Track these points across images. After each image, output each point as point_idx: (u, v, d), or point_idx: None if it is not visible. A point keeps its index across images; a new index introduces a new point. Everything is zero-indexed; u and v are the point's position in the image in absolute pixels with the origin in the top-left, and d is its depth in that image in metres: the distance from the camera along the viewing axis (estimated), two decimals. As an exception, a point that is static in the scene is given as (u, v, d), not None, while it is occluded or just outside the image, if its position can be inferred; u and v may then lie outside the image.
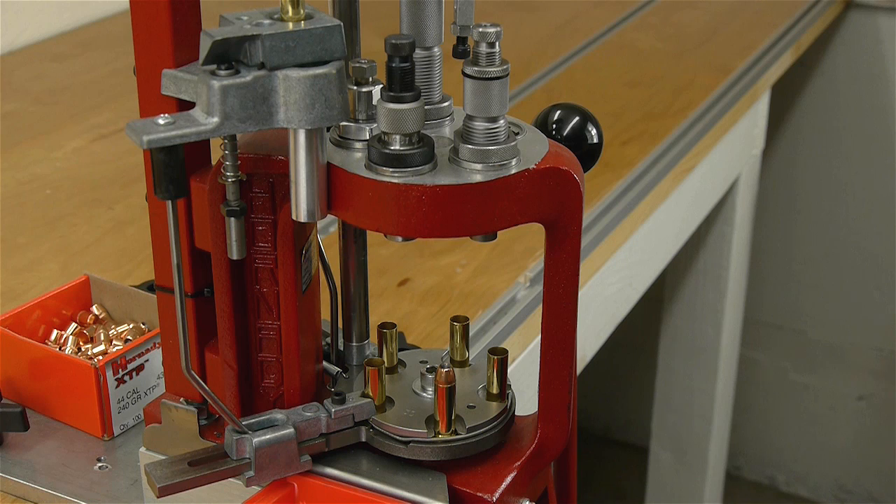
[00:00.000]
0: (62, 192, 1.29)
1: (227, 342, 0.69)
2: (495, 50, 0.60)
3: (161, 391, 0.86)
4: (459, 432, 0.68)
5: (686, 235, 1.59)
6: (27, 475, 0.82)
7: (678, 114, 1.53)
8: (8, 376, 0.88)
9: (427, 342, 1.01)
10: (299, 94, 0.58)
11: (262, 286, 0.68)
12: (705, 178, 1.55)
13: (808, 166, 2.28)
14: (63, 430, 0.87)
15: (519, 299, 1.08)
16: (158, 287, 0.72)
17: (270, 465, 0.66)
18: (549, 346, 0.67)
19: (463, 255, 1.15)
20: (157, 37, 0.64)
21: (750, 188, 1.87)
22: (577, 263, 0.64)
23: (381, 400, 0.70)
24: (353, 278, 0.75)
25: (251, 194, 0.66)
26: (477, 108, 0.61)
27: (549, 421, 0.69)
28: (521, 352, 1.04)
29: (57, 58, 1.71)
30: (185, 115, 0.58)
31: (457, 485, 0.67)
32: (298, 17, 0.59)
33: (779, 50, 1.78)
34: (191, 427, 0.72)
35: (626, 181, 1.33)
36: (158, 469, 0.66)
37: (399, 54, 0.60)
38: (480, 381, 0.72)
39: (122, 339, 0.90)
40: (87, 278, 0.94)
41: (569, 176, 0.62)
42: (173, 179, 0.57)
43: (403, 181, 0.60)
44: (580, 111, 0.69)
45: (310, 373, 0.71)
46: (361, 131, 0.64)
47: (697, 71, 1.69)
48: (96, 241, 1.18)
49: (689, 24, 1.91)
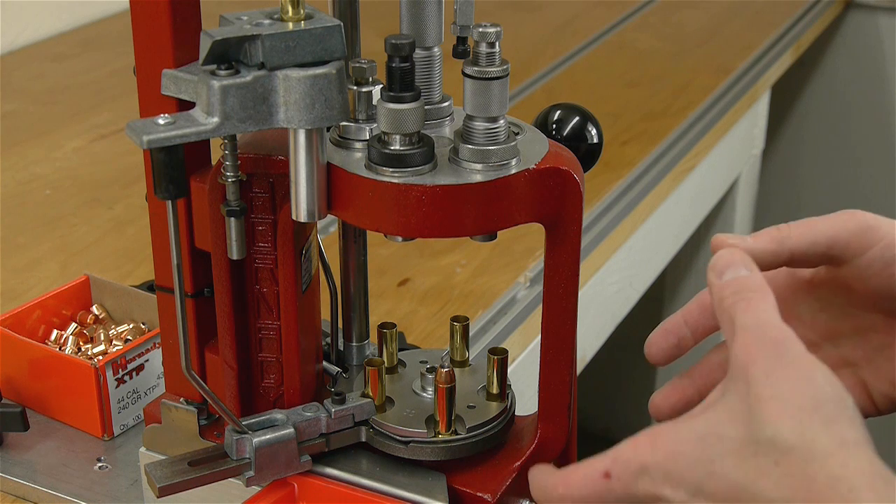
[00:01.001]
0: (62, 192, 1.29)
1: (227, 342, 0.69)
2: (495, 50, 0.60)
3: (161, 391, 0.86)
4: (459, 432, 0.68)
5: (686, 235, 1.59)
6: (27, 475, 0.82)
7: (678, 114, 1.53)
8: (8, 376, 0.88)
9: (427, 342, 1.01)
10: (299, 94, 0.58)
11: (262, 286, 0.68)
12: (705, 178, 1.55)
13: (808, 166, 2.28)
14: (63, 430, 0.87)
15: (519, 299, 1.08)
16: (158, 287, 0.72)
17: (270, 465, 0.66)
18: (549, 346, 0.67)
19: (463, 255, 1.14)
20: (157, 37, 0.64)
21: (750, 188, 1.87)
22: (577, 263, 0.64)
23: (381, 400, 0.70)
24: (353, 278, 0.75)
25: (251, 194, 0.66)
26: (477, 108, 0.61)
27: (549, 421, 0.69)
28: (521, 352, 1.04)
29: (57, 58, 1.71)
30: (185, 115, 0.58)
31: (457, 485, 0.67)
32: (298, 17, 0.59)
33: (779, 50, 1.78)
34: (191, 427, 0.72)
35: (626, 181, 1.33)
36: (158, 469, 0.66)
37: (399, 54, 0.60)
38: (480, 381, 0.72)
39: (122, 339, 0.90)
40: (87, 278, 0.94)
41: (569, 176, 0.62)
42: (173, 179, 0.57)
43: (403, 181, 0.60)
44: (580, 111, 0.69)
45: (310, 373, 0.71)
46: (361, 131, 0.64)
47: (697, 71, 1.69)
48: (96, 241, 1.18)
49: (689, 24, 1.91)
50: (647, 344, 0.64)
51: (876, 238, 0.59)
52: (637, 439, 0.53)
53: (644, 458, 0.52)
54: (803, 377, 0.49)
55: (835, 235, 0.59)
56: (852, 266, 0.60)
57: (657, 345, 0.64)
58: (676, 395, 0.65)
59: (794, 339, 0.51)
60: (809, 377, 0.49)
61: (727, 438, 0.50)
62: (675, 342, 0.64)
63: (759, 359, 0.50)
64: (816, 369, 0.50)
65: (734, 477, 0.49)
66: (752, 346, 0.51)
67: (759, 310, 0.52)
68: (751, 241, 0.59)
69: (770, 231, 0.60)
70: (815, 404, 0.48)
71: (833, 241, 0.59)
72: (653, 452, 0.52)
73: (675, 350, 0.64)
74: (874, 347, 0.63)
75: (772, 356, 0.50)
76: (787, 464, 0.48)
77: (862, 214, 0.60)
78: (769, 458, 0.48)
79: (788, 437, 0.48)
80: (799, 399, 0.49)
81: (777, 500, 0.48)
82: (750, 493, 0.49)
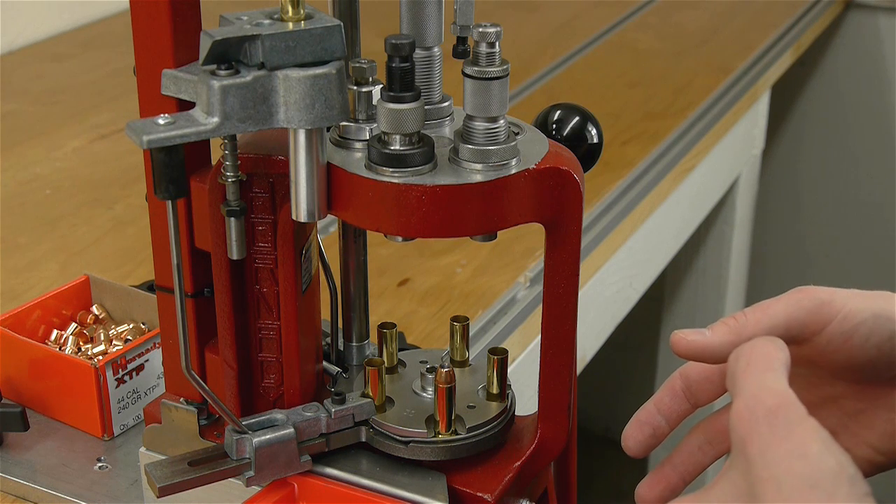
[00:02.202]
0: (62, 192, 1.29)
1: (227, 342, 0.69)
2: (495, 50, 0.60)
3: (161, 391, 0.86)
4: (459, 432, 0.68)
5: (686, 235, 1.59)
6: (27, 475, 0.82)
7: (678, 114, 1.53)
8: (8, 376, 0.88)
9: (427, 342, 1.01)
10: (299, 94, 0.58)
11: (262, 286, 0.68)
12: (705, 178, 1.55)
13: (808, 166, 2.28)
14: (63, 430, 0.87)
15: (519, 299, 1.08)
16: (158, 287, 0.72)
17: (270, 465, 0.66)
18: (549, 346, 0.67)
19: (463, 255, 1.14)
20: (157, 37, 0.64)
21: (750, 188, 1.87)
22: (577, 263, 0.64)
23: (381, 400, 0.70)
24: (353, 278, 0.75)
25: (251, 194, 0.66)
26: (477, 108, 0.61)
27: (549, 421, 0.69)
28: (521, 352, 1.04)
29: (57, 58, 1.71)
30: (185, 115, 0.58)
31: (457, 485, 0.67)
32: (298, 17, 0.59)
33: (779, 50, 1.78)
34: (191, 427, 0.72)
35: (626, 181, 1.33)
36: (158, 469, 0.66)
37: (399, 54, 0.60)
38: (480, 381, 0.72)
39: (122, 339, 0.90)
40: (87, 278, 0.94)
41: (569, 176, 0.62)
42: (173, 179, 0.57)
43: (403, 181, 0.60)
44: (580, 111, 0.69)
45: (310, 373, 0.71)
46: (361, 131, 0.64)
47: (697, 71, 1.69)
48: (96, 241, 1.18)
49: (689, 24, 1.91)
50: (624, 437, 0.65)
51: (832, 313, 0.58)
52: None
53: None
54: (798, 454, 0.48)
55: (790, 317, 0.58)
56: (813, 344, 0.59)
57: (633, 437, 0.64)
58: (661, 485, 0.65)
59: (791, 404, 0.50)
60: (804, 453, 0.48)
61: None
62: (650, 432, 0.64)
63: (755, 434, 0.49)
64: (813, 441, 0.49)
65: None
66: (748, 417, 0.50)
67: (758, 371, 0.52)
68: (709, 335, 0.59)
69: (727, 322, 0.59)
70: (812, 483, 0.47)
71: (789, 323, 0.58)
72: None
73: (652, 440, 0.64)
74: (847, 414, 0.63)
75: (766, 432, 0.49)
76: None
77: (814, 290, 0.59)
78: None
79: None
80: (794, 480, 0.48)
81: None
82: None
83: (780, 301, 0.59)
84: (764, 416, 0.50)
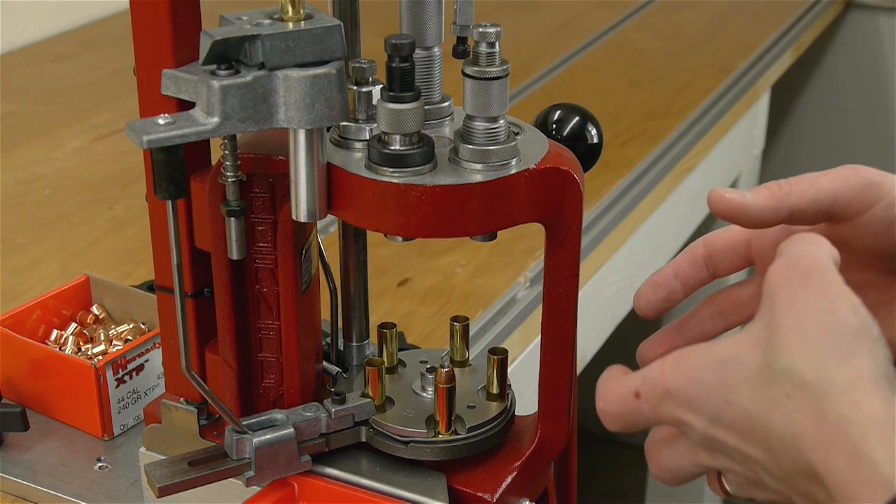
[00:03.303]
0: (62, 192, 1.29)
1: (227, 342, 0.69)
2: (495, 50, 0.60)
3: (161, 391, 0.86)
4: (459, 432, 0.68)
5: (686, 235, 1.59)
6: (27, 475, 0.82)
7: (678, 114, 1.53)
8: (8, 376, 0.88)
9: (427, 342, 1.01)
10: (299, 94, 0.58)
11: (262, 286, 0.68)
12: (705, 178, 1.55)
13: (808, 166, 2.27)
14: (63, 430, 0.87)
15: (519, 299, 1.08)
16: (158, 287, 0.72)
17: (270, 465, 0.66)
18: (549, 346, 0.67)
19: (463, 255, 1.14)
20: (157, 37, 0.64)
21: (750, 188, 1.87)
22: (577, 263, 0.64)
23: (381, 400, 0.70)
24: (353, 278, 0.75)
25: (251, 194, 0.66)
26: (477, 108, 0.61)
27: (549, 421, 0.69)
28: (521, 352, 1.04)
29: (57, 58, 1.71)
30: (185, 115, 0.58)
31: (457, 485, 0.67)
32: (298, 17, 0.59)
33: (779, 50, 1.78)
34: (191, 427, 0.72)
35: (626, 181, 1.33)
36: (158, 469, 0.66)
37: (399, 54, 0.60)
38: (480, 381, 0.72)
39: (122, 339, 0.90)
40: (87, 278, 0.94)
41: (569, 176, 0.62)
42: (173, 179, 0.57)
43: (403, 181, 0.60)
44: (580, 111, 0.69)
45: (310, 373, 0.71)
46: (361, 131, 0.64)
47: (697, 71, 1.69)
48: (96, 241, 1.18)
49: (689, 24, 1.91)
50: (636, 297, 0.63)
51: (878, 196, 0.57)
52: (665, 361, 0.51)
53: (668, 381, 0.51)
54: (826, 307, 0.48)
55: (836, 193, 0.57)
56: (852, 224, 0.58)
57: (646, 297, 0.63)
58: (665, 347, 0.63)
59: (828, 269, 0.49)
60: (832, 307, 0.48)
61: (745, 366, 0.49)
62: (664, 295, 0.63)
63: (786, 286, 0.49)
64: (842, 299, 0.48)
65: (747, 406, 0.48)
66: (784, 272, 0.49)
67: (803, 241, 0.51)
68: (750, 197, 0.57)
69: (770, 186, 0.58)
70: (835, 337, 0.47)
71: (834, 199, 0.57)
72: (675, 376, 0.51)
73: (665, 303, 0.63)
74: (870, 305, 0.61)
75: (799, 284, 0.49)
76: (799, 398, 0.47)
77: (864, 170, 0.58)
78: (782, 390, 0.47)
79: (803, 371, 0.47)
80: (818, 331, 0.47)
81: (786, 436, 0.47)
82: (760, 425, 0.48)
83: (829, 175, 0.58)
84: (800, 273, 0.49)
